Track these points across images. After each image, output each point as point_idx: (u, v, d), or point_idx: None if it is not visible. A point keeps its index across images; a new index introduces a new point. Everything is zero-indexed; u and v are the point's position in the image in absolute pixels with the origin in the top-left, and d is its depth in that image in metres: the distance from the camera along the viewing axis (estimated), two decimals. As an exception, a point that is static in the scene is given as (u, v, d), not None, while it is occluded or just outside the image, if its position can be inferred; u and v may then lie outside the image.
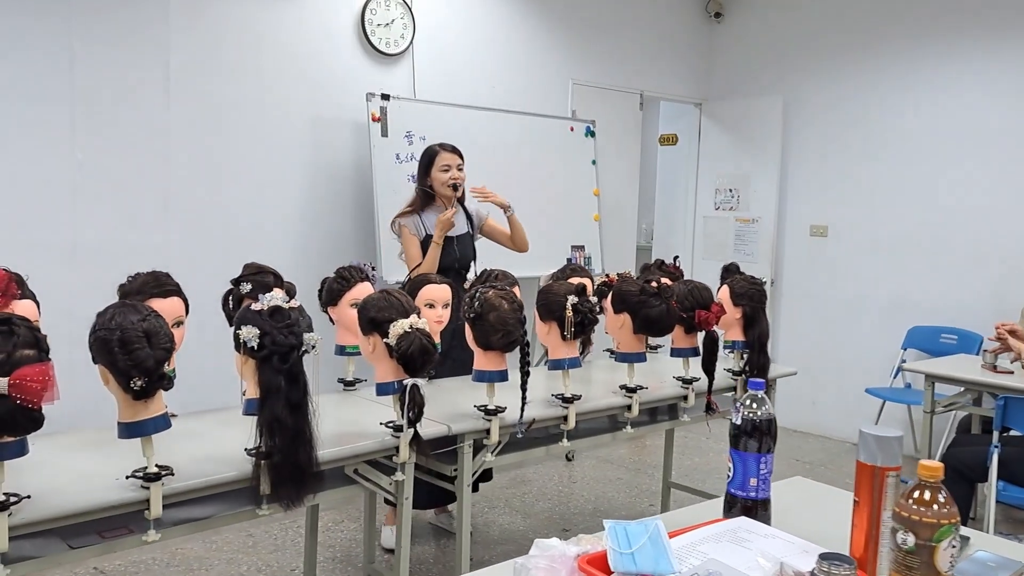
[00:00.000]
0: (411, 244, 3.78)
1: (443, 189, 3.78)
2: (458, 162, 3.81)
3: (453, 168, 3.78)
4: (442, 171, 3.78)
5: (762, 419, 1.65)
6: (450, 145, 3.84)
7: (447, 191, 3.77)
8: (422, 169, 3.85)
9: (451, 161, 3.79)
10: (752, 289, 3.32)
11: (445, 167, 3.78)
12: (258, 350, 2.03)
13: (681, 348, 3.16)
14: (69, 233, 3.77)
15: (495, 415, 2.59)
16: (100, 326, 1.88)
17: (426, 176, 3.81)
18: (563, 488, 4.51)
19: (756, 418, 1.64)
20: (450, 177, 3.77)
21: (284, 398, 2.03)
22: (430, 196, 3.81)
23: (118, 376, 1.86)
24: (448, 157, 3.80)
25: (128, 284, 2.44)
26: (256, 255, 4.07)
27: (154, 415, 1.94)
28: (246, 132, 4.24)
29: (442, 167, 3.78)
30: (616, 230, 5.74)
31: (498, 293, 2.60)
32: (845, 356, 5.61)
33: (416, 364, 2.28)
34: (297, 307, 2.13)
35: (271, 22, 4.29)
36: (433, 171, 3.79)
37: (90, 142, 3.80)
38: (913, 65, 5.35)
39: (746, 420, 1.65)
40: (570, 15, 5.51)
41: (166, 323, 1.95)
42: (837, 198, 5.71)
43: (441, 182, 3.78)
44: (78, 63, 3.74)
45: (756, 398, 1.66)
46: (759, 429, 1.64)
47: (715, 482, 4.66)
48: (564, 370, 2.79)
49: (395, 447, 2.37)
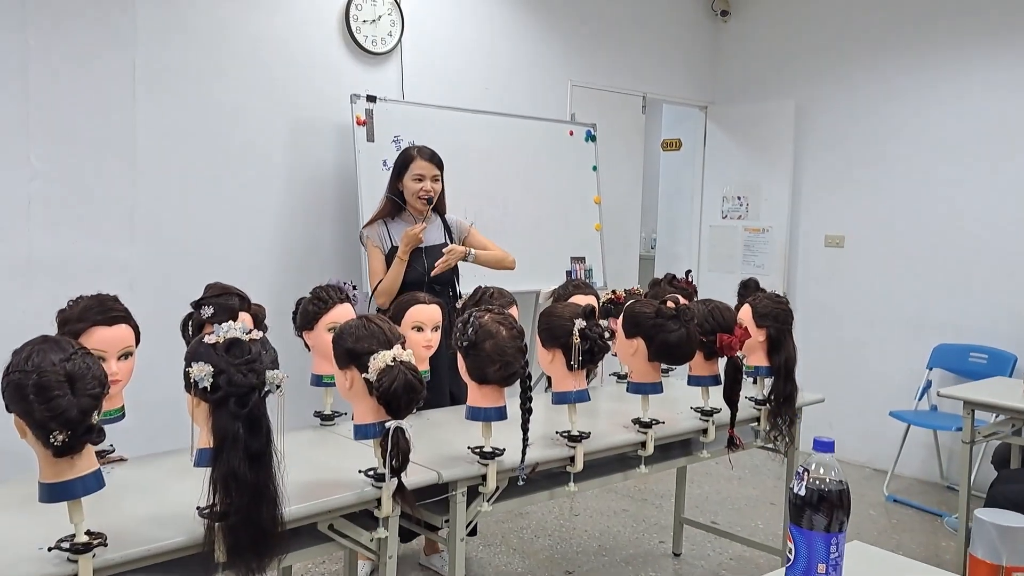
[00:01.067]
0: (374, 257, 3.44)
1: (413, 200, 3.43)
2: (434, 173, 3.45)
3: (427, 179, 3.42)
4: (415, 180, 3.42)
5: (832, 489, 1.32)
6: (428, 151, 3.48)
7: (418, 204, 3.43)
8: (394, 173, 3.50)
9: (426, 171, 3.43)
10: (777, 309, 2.99)
11: (418, 176, 3.42)
12: (212, 391, 1.69)
13: (700, 376, 2.83)
14: (23, 248, 3.43)
15: (492, 459, 2.25)
16: (14, 367, 1.55)
17: (397, 181, 3.46)
18: (564, 522, 4.17)
19: (825, 488, 1.32)
20: (422, 189, 3.41)
21: (242, 448, 1.69)
22: (400, 204, 3.47)
23: (35, 429, 1.53)
24: (423, 166, 3.43)
25: (69, 310, 2.11)
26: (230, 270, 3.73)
27: (82, 473, 1.61)
28: (220, 137, 3.90)
29: (416, 175, 3.42)
30: (618, 240, 5.42)
31: (495, 317, 2.27)
32: (864, 376, 5.27)
33: (400, 403, 1.95)
34: (259, 339, 1.80)
35: (247, 17, 3.96)
36: (406, 178, 3.43)
37: (46, 147, 3.46)
38: (936, 65, 5.03)
39: (812, 490, 1.32)
40: (568, 12, 5.20)
41: (96, 363, 1.62)
42: (854, 206, 5.39)
43: (412, 192, 3.42)
44: (33, 59, 3.40)
45: (824, 463, 1.33)
46: (828, 501, 1.32)
47: (727, 514, 4.33)
48: (571, 404, 2.45)
49: (376, 499, 2.04)
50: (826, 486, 1.32)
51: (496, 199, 4.57)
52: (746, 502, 4.52)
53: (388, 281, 3.36)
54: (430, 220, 3.48)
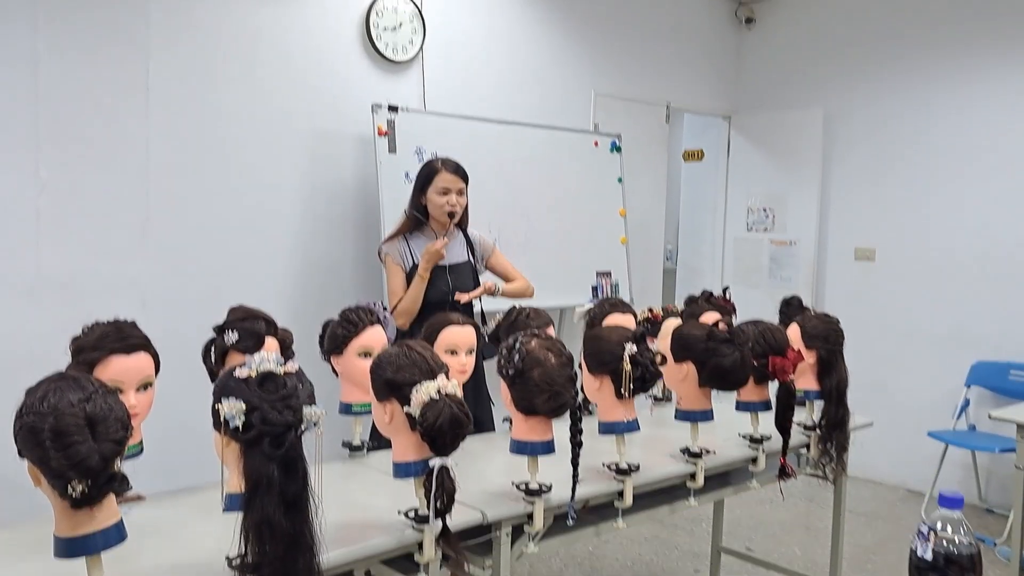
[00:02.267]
0: (394, 275, 3.30)
1: (438, 214, 3.30)
2: (460, 186, 3.31)
3: (453, 192, 3.29)
4: (440, 193, 3.29)
5: (962, 552, 1.15)
6: (453, 163, 3.34)
7: (443, 218, 3.29)
8: (417, 186, 3.35)
9: (452, 184, 3.29)
10: (828, 329, 2.84)
11: (444, 189, 3.29)
12: (244, 431, 1.53)
13: (750, 401, 2.66)
14: (31, 264, 3.27)
15: (539, 496, 2.09)
16: (28, 409, 1.39)
17: (421, 195, 3.33)
18: (594, 550, 4.00)
19: (954, 550, 1.15)
20: (447, 203, 3.27)
21: (277, 493, 1.53)
22: (421, 220, 3.33)
23: (51, 478, 1.38)
24: (449, 179, 3.29)
25: (83, 337, 1.95)
26: (247, 289, 3.61)
27: (103, 526, 1.45)
28: (236, 148, 3.75)
29: (441, 189, 3.29)
30: (642, 253, 5.26)
31: (542, 343, 2.11)
32: (898, 393, 5.09)
33: (446, 440, 1.79)
34: (295, 371, 1.64)
35: (265, 23, 3.81)
36: (429, 191, 3.30)
37: (56, 159, 3.30)
38: (971, 69, 4.88)
39: (939, 554, 1.15)
40: (591, 21, 5.05)
41: (119, 402, 1.46)
42: (886, 218, 5.23)
43: (437, 206, 3.29)
44: (43, 67, 3.25)
45: (951, 520, 1.17)
46: (959, 566, 1.15)
47: (763, 541, 4.16)
48: (619, 435, 2.29)
49: (418, 543, 1.87)
50: (956, 548, 1.16)
51: (520, 211, 4.42)
52: (780, 527, 4.35)
53: (409, 300, 3.21)
54: (452, 235, 3.34)
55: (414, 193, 3.37)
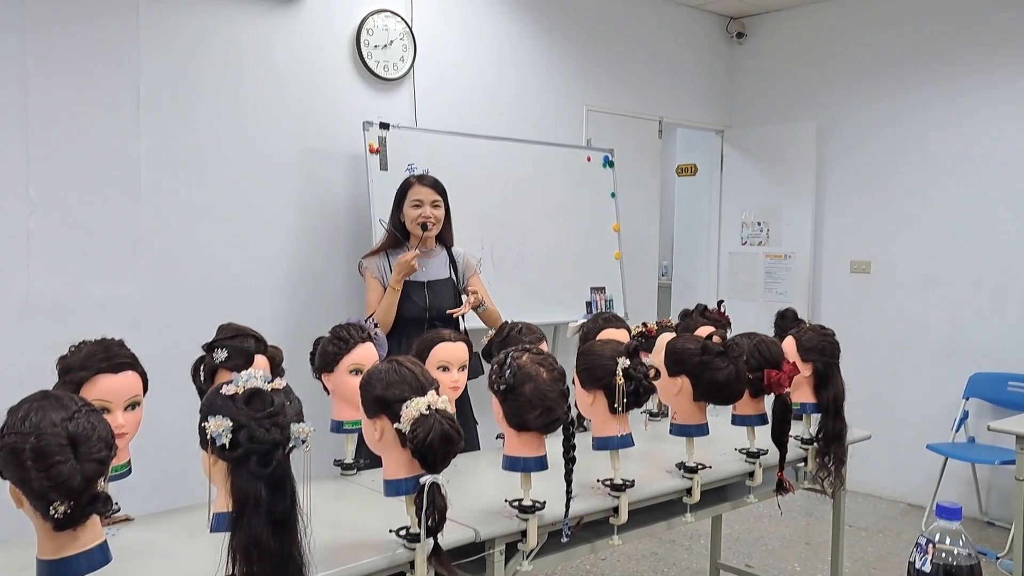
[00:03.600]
0: (371, 289, 3.33)
1: (412, 227, 3.33)
2: (433, 198, 3.33)
3: (426, 205, 3.31)
4: (413, 207, 3.32)
5: (961, 564, 1.13)
6: (430, 178, 3.39)
7: (416, 231, 3.32)
8: (396, 203, 3.40)
9: (425, 196, 3.32)
10: (824, 342, 2.82)
11: (417, 202, 3.32)
12: (231, 448, 1.51)
13: (746, 415, 2.64)
14: (21, 285, 3.25)
15: (532, 513, 2.06)
16: (9, 429, 1.37)
17: (399, 211, 3.37)
18: (591, 567, 3.96)
19: (953, 562, 1.13)
20: (420, 215, 3.30)
21: (265, 512, 1.50)
22: (398, 236, 3.36)
23: (33, 499, 1.36)
24: (422, 191, 3.33)
25: (70, 356, 1.93)
26: (238, 307, 3.58)
27: (86, 548, 1.42)
28: (227, 167, 3.74)
29: (414, 202, 3.32)
30: (637, 269, 5.25)
31: (534, 358, 2.09)
32: (896, 406, 5.05)
33: (436, 456, 1.77)
34: (283, 388, 1.62)
35: (256, 43, 3.81)
36: (405, 206, 3.34)
37: (46, 179, 3.29)
38: (963, 81, 4.89)
39: (939, 566, 1.13)
40: (583, 36, 5.06)
41: (103, 421, 1.44)
42: (881, 230, 5.22)
43: (411, 219, 3.32)
44: (32, 87, 3.24)
45: (949, 532, 1.15)
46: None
47: (762, 556, 4.12)
48: (613, 451, 2.26)
49: (409, 562, 1.85)
50: (955, 559, 1.14)
51: (513, 227, 4.41)
52: (780, 542, 4.31)
53: (380, 313, 3.22)
54: (433, 252, 3.38)
55: (393, 210, 3.41)
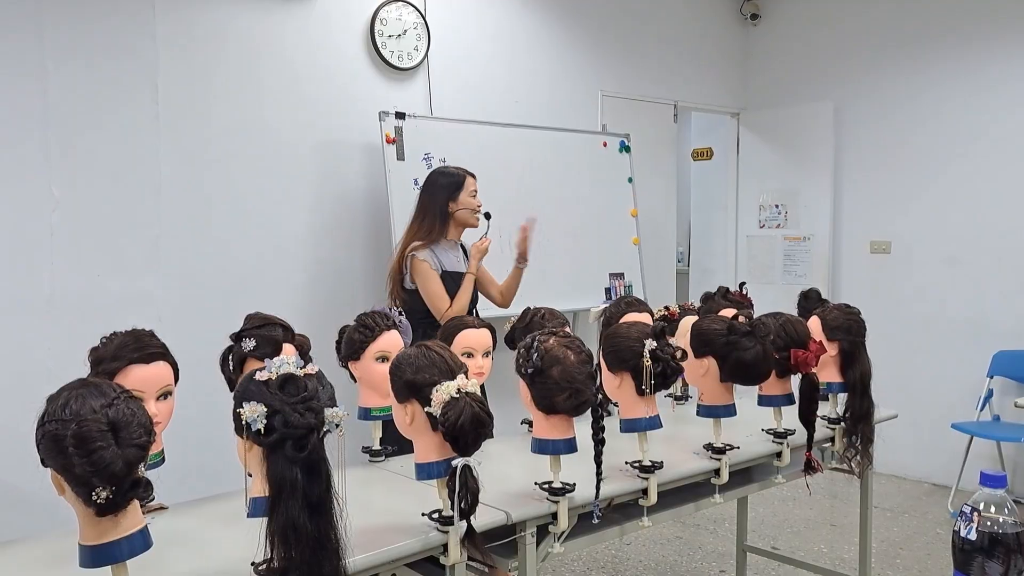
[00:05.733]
0: (433, 279, 3.33)
1: (469, 217, 3.42)
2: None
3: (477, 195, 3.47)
4: (472, 195, 3.44)
5: (1007, 532, 1.13)
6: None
7: (473, 219, 3.42)
8: (443, 194, 3.41)
9: (476, 188, 3.47)
10: (850, 321, 2.81)
11: (474, 192, 3.45)
12: (266, 434, 1.51)
13: (772, 395, 2.63)
14: (45, 281, 3.27)
15: (563, 495, 2.06)
16: (50, 417, 1.38)
17: (449, 202, 3.40)
18: (617, 552, 3.96)
19: (999, 530, 1.13)
20: (480, 205, 3.44)
21: (302, 496, 1.51)
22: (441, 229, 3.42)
23: (75, 485, 1.36)
24: (475, 183, 3.47)
25: (102, 348, 1.94)
26: (261, 299, 3.57)
27: (128, 533, 1.43)
28: (246, 160, 3.75)
29: (472, 192, 3.44)
30: (654, 254, 5.23)
31: (561, 341, 2.09)
32: (920, 386, 5.02)
33: (468, 439, 1.77)
34: (315, 373, 1.62)
35: (271, 37, 3.82)
36: (462, 196, 3.41)
37: (68, 176, 3.31)
38: (982, 57, 4.84)
39: (984, 534, 1.13)
40: (596, 21, 5.04)
41: (141, 408, 1.45)
42: (900, 210, 5.18)
43: (472, 208, 3.43)
44: (52, 85, 3.26)
45: (995, 501, 1.14)
46: (1004, 546, 1.13)
47: (787, 538, 4.12)
48: (641, 433, 2.26)
49: (442, 545, 1.85)
50: (1000, 528, 1.13)
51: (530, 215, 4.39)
52: (805, 524, 4.30)
53: (462, 301, 3.32)
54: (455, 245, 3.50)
55: (439, 201, 3.41)
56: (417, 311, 3.27)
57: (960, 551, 1.15)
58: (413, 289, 3.35)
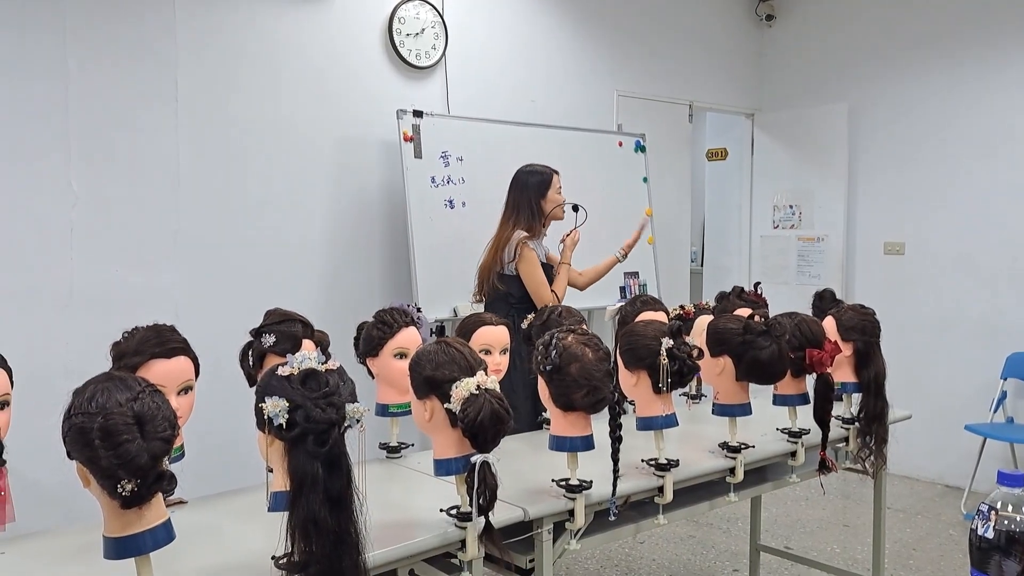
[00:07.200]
0: (537, 267, 3.53)
1: (558, 212, 3.66)
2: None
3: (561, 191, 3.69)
4: (558, 192, 3.65)
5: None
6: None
7: (562, 213, 3.68)
8: (535, 192, 3.59)
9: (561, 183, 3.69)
10: (864, 321, 2.82)
11: (560, 188, 3.67)
12: (288, 428, 1.53)
13: (787, 395, 2.64)
14: (65, 276, 3.30)
15: (579, 492, 2.07)
16: (76, 410, 1.40)
17: (540, 199, 3.59)
18: (630, 551, 3.97)
19: (1017, 528, 1.13)
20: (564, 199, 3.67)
21: (323, 490, 1.53)
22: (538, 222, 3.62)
23: (101, 478, 1.38)
24: (559, 180, 3.68)
25: (124, 342, 1.96)
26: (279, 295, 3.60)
27: (151, 525, 1.45)
28: (264, 157, 3.78)
29: (558, 188, 3.66)
30: (669, 254, 5.24)
31: (579, 338, 2.10)
32: (933, 388, 5.00)
33: (487, 435, 1.78)
34: (336, 369, 1.64)
35: (290, 36, 3.84)
36: (550, 193, 3.61)
37: (88, 172, 3.35)
38: (999, 57, 4.81)
39: (1001, 532, 1.13)
40: (612, 21, 5.05)
41: (166, 402, 1.47)
42: (915, 212, 5.17)
43: (558, 203, 3.65)
44: (73, 83, 3.30)
45: (1012, 499, 1.15)
46: (1022, 544, 1.13)
47: (800, 539, 4.12)
48: (658, 431, 2.27)
49: (460, 540, 1.87)
50: (1018, 526, 1.13)
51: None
52: (818, 524, 4.30)
53: (563, 286, 3.59)
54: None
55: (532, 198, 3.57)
56: (513, 295, 3.49)
57: (977, 549, 1.15)
58: (513, 276, 3.50)
